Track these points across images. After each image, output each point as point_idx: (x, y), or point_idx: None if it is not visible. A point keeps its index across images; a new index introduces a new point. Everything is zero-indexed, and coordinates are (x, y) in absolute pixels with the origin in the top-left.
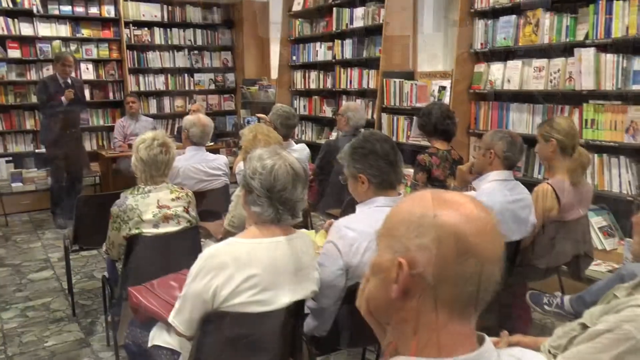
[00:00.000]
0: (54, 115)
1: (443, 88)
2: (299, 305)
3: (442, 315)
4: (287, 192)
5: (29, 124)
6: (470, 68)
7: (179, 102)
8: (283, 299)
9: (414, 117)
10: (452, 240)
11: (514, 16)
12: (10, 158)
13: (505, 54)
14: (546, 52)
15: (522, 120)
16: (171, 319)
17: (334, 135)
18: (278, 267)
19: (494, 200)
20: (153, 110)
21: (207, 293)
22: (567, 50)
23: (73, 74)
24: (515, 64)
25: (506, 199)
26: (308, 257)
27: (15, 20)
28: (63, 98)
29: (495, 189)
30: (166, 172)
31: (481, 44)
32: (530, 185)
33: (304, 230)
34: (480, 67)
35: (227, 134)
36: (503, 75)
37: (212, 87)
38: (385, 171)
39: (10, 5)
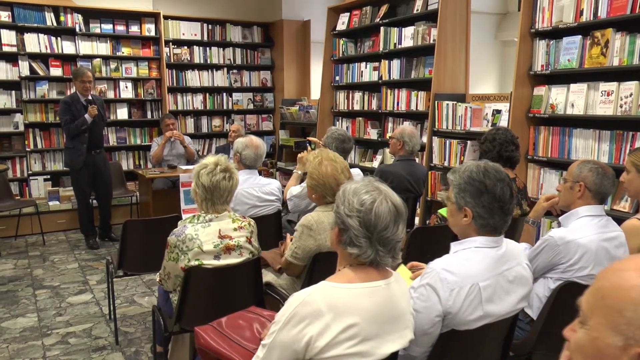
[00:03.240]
0: (79, 135)
1: (498, 111)
2: (394, 355)
3: None
4: (389, 231)
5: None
6: (529, 91)
7: (216, 121)
8: (383, 349)
9: (468, 142)
10: None
11: (579, 37)
12: (48, 176)
13: (567, 77)
14: (616, 75)
15: (587, 148)
16: None
17: (378, 158)
18: (378, 315)
19: (588, 239)
20: (190, 129)
21: (299, 343)
22: None
23: (94, 92)
24: (579, 88)
25: (600, 237)
26: (405, 303)
27: (58, 38)
28: (87, 115)
29: (587, 226)
30: (229, 199)
31: (542, 66)
32: None
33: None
34: (540, 90)
35: None
36: (566, 99)
37: (251, 106)
38: (495, 217)
39: (55, 24)
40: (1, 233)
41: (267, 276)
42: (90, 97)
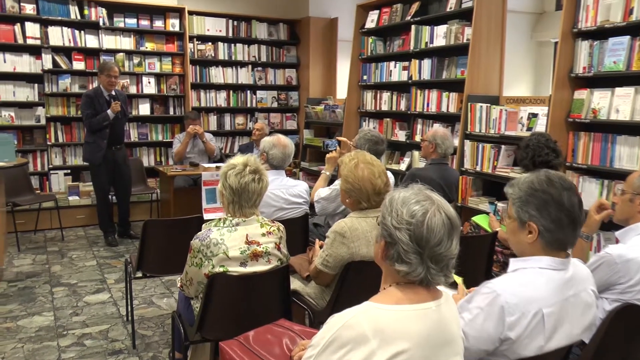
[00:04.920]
0: (100, 130)
1: (534, 115)
2: None
3: None
4: (442, 247)
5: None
6: (569, 94)
7: (240, 119)
8: None
9: (502, 146)
10: None
11: (627, 37)
12: (69, 171)
13: (612, 80)
14: None
15: (633, 155)
16: None
17: (406, 160)
18: (428, 341)
19: None
20: (213, 127)
21: None
22: None
23: (118, 87)
24: (626, 92)
25: None
26: (456, 326)
27: (82, 32)
28: (109, 111)
29: None
30: (257, 202)
31: (583, 68)
32: None
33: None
34: (582, 94)
35: None
36: (610, 103)
37: (275, 105)
38: (565, 229)
39: (78, 18)
40: (21, 227)
41: (294, 283)
42: (113, 92)
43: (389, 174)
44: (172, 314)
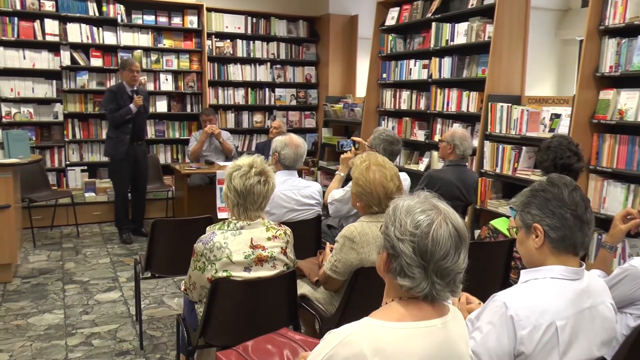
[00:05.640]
0: (122, 125)
1: (557, 116)
2: None
3: None
4: (449, 260)
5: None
6: (594, 94)
7: (258, 117)
8: None
9: (523, 148)
10: None
11: None
12: (85, 167)
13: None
14: None
15: None
16: None
17: (425, 161)
18: None
19: None
20: (231, 124)
21: None
22: None
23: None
24: None
25: None
26: (464, 345)
27: (100, 29)
28: (132, 105)
29: None
30: (263, 205)
31: (610, 67)
32: None
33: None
34: (608, 94)
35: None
36: (638, 104)
37: (294, 103)
38: (570, 225)
39: (97, 14)
40: (37, 223)
41: (303, 288)
42: (135, 88)
43: (405, 175)
44: (177, 318)
